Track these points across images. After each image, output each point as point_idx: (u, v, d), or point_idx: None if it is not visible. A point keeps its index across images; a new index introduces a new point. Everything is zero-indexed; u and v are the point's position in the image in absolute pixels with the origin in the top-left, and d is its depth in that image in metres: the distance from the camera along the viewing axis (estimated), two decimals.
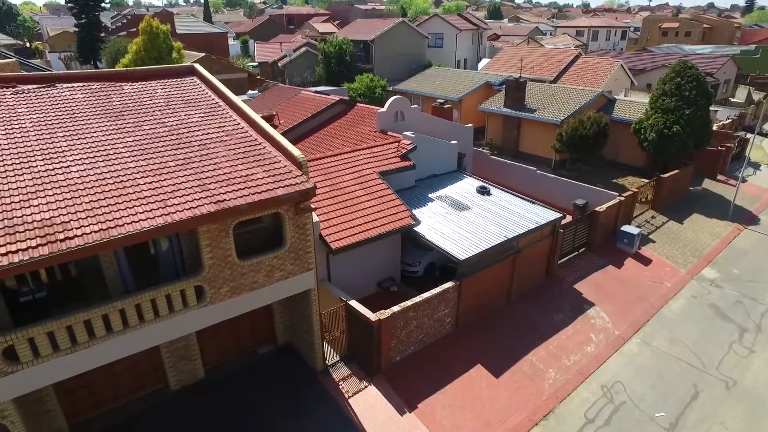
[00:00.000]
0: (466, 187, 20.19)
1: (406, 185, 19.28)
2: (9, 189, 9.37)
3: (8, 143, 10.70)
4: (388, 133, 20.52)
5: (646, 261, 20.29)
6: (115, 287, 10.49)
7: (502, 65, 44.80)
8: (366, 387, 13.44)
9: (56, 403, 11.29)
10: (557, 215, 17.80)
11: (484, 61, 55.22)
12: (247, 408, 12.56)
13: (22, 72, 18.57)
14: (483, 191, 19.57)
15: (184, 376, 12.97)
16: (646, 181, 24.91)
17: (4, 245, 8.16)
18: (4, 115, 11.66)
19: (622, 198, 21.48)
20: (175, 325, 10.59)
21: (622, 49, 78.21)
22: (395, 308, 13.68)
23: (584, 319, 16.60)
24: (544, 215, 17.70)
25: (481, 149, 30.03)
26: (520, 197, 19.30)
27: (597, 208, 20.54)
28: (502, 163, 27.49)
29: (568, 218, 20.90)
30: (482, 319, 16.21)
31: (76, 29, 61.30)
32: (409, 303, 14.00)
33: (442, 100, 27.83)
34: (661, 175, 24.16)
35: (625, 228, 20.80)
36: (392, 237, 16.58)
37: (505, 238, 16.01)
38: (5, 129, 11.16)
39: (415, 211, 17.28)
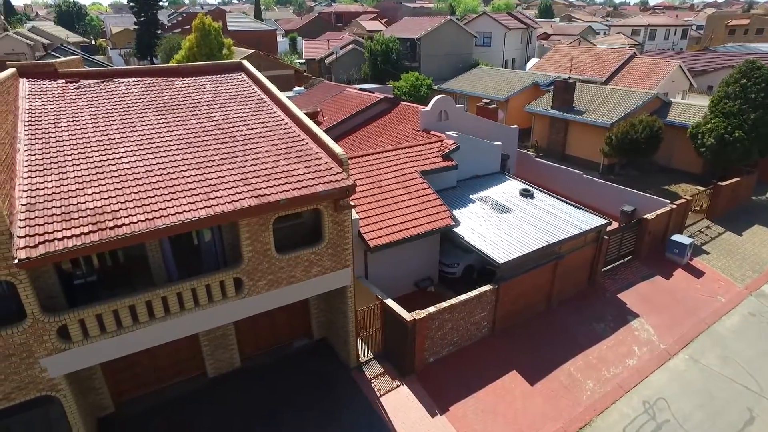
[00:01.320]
0: (508, 189, 19.81)
1: (448, 185, 19.12)
2: (67, 178, 9.91)
3: (69, 135, 11.32)
4: (431, 132, 20.39)
5: (697, 273, 19.27)
6: (159, 275, 10.90)
7: (552, 65, 43.62)
8: (398, 386, 13.42)
9: (103, 382, 11.87)
10: (602, 221, 17.18)
11: (532, 61, 53.98)
12: (280, 399, 12.80)
13: (86, 67, 19.55)
14: (526, 194, 19.14)
15: (221, 365, 13.36)
16: (702, 188, 23.65)
17: (61, 230, 8.64)
18: (67, 108, 12.36)
19: (674, 206, 20.48)
20: (213, 314, 10.91)
21: (681, 49, 74.49)
22: (431, 309, 13.58)
23: (627, 331, 15.95)
24: (588, 221, 17.13)
25: (526, 151, 29.40)
26: (565, 201, 18.76)
27: (646, 216, 19.67)
28: (547, 165, 26.77)
29: (615, 225, 20.14)
30: (520, 325, 15.86)
31: (136, 27, 64.27)
32: (445, 304, 13.87)
33: (487, 100, 27.40)
34: (719, 183, 22.86)
35: (676, 237, 19.83)
36: (431, 237, 16.47)
37: (547, 243, 15.59)
38: (68, 121, 11.81)
39: (456, 212, 17.09)
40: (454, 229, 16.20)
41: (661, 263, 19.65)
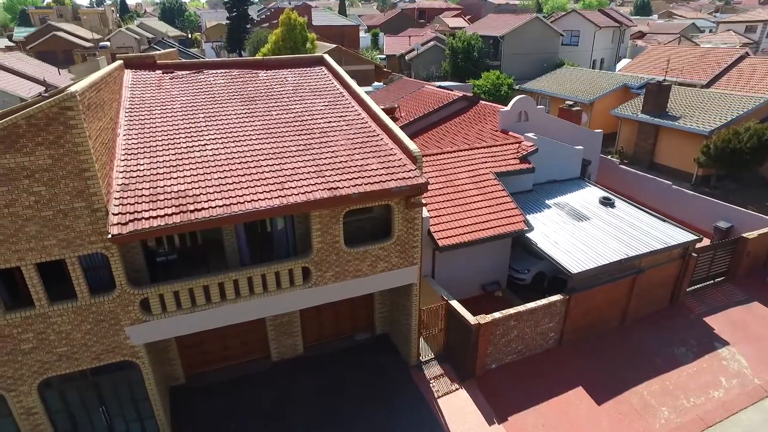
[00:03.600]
0: (587, 196, 18.80)
1: (523, 189, 18.52)
2: (157, 161, 10.61)
3: (162, 122, 12.11)
4: (510, 133, 19.78)
5: None
6: (232, 259, 11.40)
7: (645, 66, 40.81)
8: (457, 390, 13.19)
9: (177, 355, 12.69)
10: (691, 237, 15.81)
11: (623, 62, 50.82)
12: (338, 389, 13.01)
13: (181, 59, 20.86)
14: (606, 202, 18.05)
15: (284, 350, 13.80)
16: None
17: (148, 210, 9.28)
18: (162, 97, 13.24)
19: None
20: (280, 301, 11.26)
21: None
22: (496, 314, 13.24)
23: (713, 359, 14.58)
24: (674, 235, 15.85)
25: (609, 157, 27.78)
26: (649, 213, 17.48)
27: (745, 234, 17.86)
28: (632, 173, 25.13)
29: (706, 242, 18.50)
30: (590, 339, 15.02)
31: (228, 21, 67.93)
32: (511, 311, 13.46)
33: (570, 102, 26.16)
34: None
35: None
36: (502, 241, 16.02)
37: (626, 256, 14.61)
38: (161, 109, 12.65)
39: (530, 217, 16.48)
40: (527, 234, 15.63)
41: (762, 289, 17.75)
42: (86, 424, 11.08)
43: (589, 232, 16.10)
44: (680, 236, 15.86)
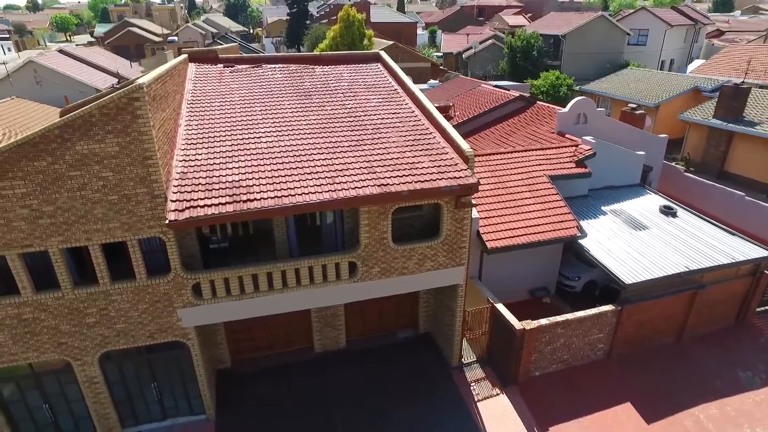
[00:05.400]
0: (647, 204, 17.90)
1: (578, 193, 17.91)
2: (214, 152, 11.02)
3: (221, 113, 12.56)
4: (567, 135, 19.14)
5: None
6: (281, 250, 11.69)
7: (721, 68, 38.22)
8: (498, 395, 12.95)
9: (224, 339, 13.17)
10: (764, 253, 14.72)
11: (695, 63, 47.88)
12: (378, 385, 13.08)
13: (241, 54, 21.57)
14: (668, 212, 17.12)
15: (327, 342, 14.02)
16: None
17: (204, 199, 9.66)
18: (222, 89, 13.72)
19: None
20: (326, 293, 11.44)
21: None
22: (543, 321, 12.90)
23: None
24: (744, 250, 14.80)
25: (673, 164, 26.31)
26: (716, 225, 16.42)
27: None
28: (698, 182, 23.67)
29: None
30: (642, 354, 14.33)
31: (288, 17, 69.53)
32: (559, 318, 13.06)
33: (634, 105, 24.95)
34: None
35: None
36: (553, 246, 15.56)
37: (686, 269, 13.79)
38: (220, 101, 13.11)
39: (583, 223, 15.90)
40: (579, 241, 15.09)
41: None
42: (139, 397, 11.72)
43: (646, 241, 15.33)
44: (750, 251, 14.81)
